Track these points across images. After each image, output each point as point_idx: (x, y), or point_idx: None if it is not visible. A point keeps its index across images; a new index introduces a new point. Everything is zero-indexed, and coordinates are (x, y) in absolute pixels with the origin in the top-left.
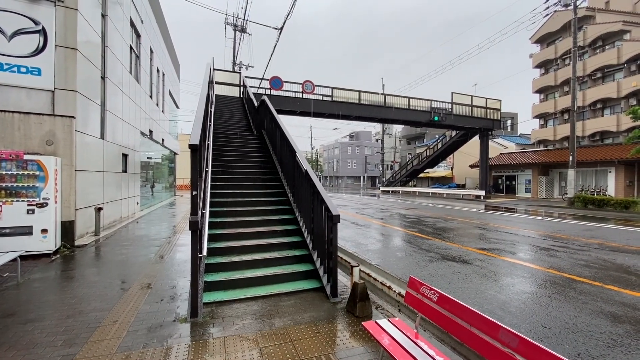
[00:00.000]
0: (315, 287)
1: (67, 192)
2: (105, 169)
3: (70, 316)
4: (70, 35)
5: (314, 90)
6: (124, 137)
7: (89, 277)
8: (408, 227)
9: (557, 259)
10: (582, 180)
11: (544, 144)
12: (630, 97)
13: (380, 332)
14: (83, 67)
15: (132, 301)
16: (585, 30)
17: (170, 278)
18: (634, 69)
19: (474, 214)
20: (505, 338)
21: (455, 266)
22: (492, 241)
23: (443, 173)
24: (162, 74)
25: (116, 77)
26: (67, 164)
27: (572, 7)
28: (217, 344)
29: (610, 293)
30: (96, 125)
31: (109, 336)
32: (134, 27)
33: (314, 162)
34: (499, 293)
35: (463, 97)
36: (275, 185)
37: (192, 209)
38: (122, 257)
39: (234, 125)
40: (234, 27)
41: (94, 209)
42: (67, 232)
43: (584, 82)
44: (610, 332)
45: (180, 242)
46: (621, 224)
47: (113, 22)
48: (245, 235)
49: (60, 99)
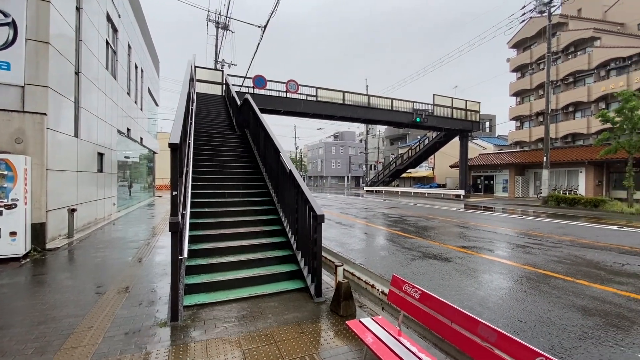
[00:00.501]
0: (299, 288)
1: (38, 192)
2: (79, 169)
3: (41, 323)
4: (42, 29)
5: (298, 90)
6: (100, 135)
7: (62, 282)
8: (391, 226)
9: (532, 256)
10: (556, 180)
11: (520, 145)
12: (600, 101)
13: (364, 330)
14: (56, 62)
15: (108, 306)
16: (558, 36)
17: (149, 281)
18: (604, 74)
19: (454, 213)
20: (484, 333)
21: (436, 264)
22: (471, 239)
23: (425, 173)
24: (141, 70)
25: (91, 73)
26: (38, 163)
27: (547, 14)
28: (199, 348)
29: (581, 287)
30: (69, 122)
31: (83, 343)
32: (110, 22)
33: (298, 162)
34: (478, 289)
35: (444, 99)
36: (258, 185)
37: (172, 209)
38: (98, 260)
39: (216, 124)
40: (216, 24)
41: (67, 211)
42: (38, 234)
43: (558, 86)
44: (582, 325)
45: (160, 244)
46: (591, 222)
47: (88, 16)
48: (227, 236)
49: (31, 95)
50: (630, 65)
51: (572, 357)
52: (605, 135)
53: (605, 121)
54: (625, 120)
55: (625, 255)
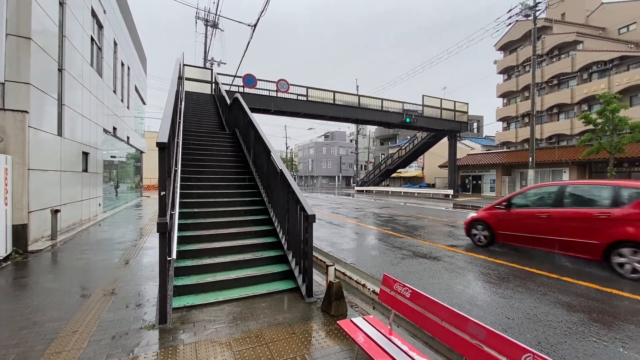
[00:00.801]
0: (290, 288)
1: (19, 193)
2: (63, 168)
3: (23, 327)
4: (24, 24)
5: (288, 90)
6: (85, 134)
7: (45, 285)
8: (381, 225)
9: (521, 253)
10: (541, 179)
11: (507, 146)
12: (583, 103)
13: (355, 330)
14: (38, 58)
15: (93, 309)
16: (543, 39)
17: (137, 283)
18: (586, 77)
19: (443, 212)
20: (474, 330)
21: (426, 263)
22: (459, 238)
23: (414, 173)
24: (128, 67)
25: (75, 70)
26: (19, 162)
27: (532, 18)
28: (188, 350)
29: (565, 284)
30: (52, 120)
31: (67, 347)
32: (95, 17)
33: (289, 161)
34: (467, 288)
35: (433, 99)
36: (249, 185)
37: (161, 210)
38: (83, 262)
39: (206, 123)
40: (205, 22)
41: (50, 211)
42: (19, 236)
43: (542, 88)
44: (567, 321)
45: (148, 245)
46: None
47: (72, 11)
48: (217, 237)
49: (11, 91)
50: (611, 68)
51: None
52: (588, 136)
53: (588, 123)
54: (607, 121)
55: None
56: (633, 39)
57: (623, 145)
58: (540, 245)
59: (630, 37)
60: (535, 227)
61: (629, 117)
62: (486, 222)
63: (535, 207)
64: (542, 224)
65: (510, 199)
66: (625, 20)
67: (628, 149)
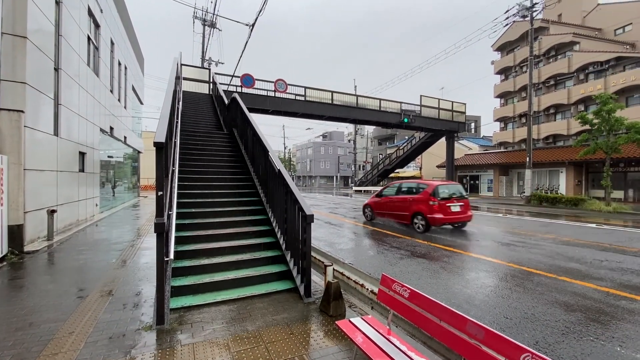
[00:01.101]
0: (288, 288)
1: (15, 193)
2: (59, 168)
3: (19, 329)
4: (19, 22)
5: (286, 90)
6: (81, 134)
7: (41, 286)
8: (380, 225)
9: (517, 253)
10: (538, 179)
11: (504, 146)
12: (579, 104)
13: (354, 330)
14: (34, 58)
15: (90, 310)
16: (540, 40)
17: (134, 284)
18: (583, 77)
19: None
20: (472, 330)
21: (424, 263)
22: (457, 237)
23: (412, 173)
24: (125, 67)
25: (72, 69)
26: (15, 162)
27: (529, 19)
28: (186, 351)
29: (563, 284)
30: (49, 120)
31: (64, 349)
32: (92, 16)
33: (287, 161)
34: (465, 287)
35: (431, 100)
36: (247, 185)
37: (158, 210)
38: (79, 263)
39: (203, 122)
40: (203, 21)
41: (46, 212)
42: (15, 237)
43: (539, 89)
44: (565, 321)
45: (145, 245)
46: (571, 220)
47: (68, 10)
48: (215, 237)
49: (7, 91)
50: (607, 69)
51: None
52: (584, 136)
53: (584, 123)
54: (603, 122)
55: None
56: (629, 40)
57: (619, 145)
58: (392, 218)
59: (626, 38)
60: (389, 207)
61: (625, 117)
62: (370, 205)
63: (390, 195)
64: (391, 205)
65: (381, 191)
66: (621, 21)
67: (624, 149)
